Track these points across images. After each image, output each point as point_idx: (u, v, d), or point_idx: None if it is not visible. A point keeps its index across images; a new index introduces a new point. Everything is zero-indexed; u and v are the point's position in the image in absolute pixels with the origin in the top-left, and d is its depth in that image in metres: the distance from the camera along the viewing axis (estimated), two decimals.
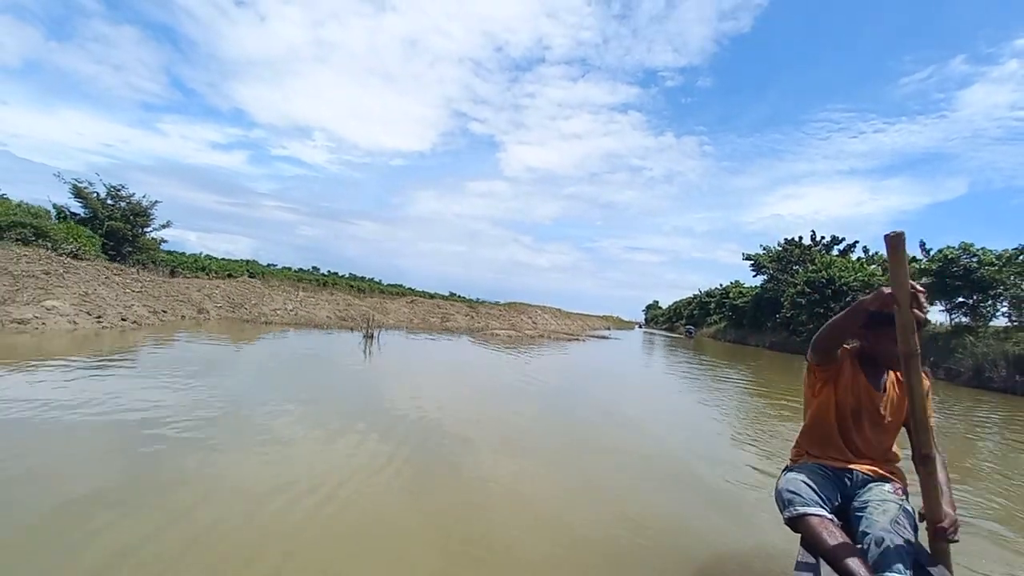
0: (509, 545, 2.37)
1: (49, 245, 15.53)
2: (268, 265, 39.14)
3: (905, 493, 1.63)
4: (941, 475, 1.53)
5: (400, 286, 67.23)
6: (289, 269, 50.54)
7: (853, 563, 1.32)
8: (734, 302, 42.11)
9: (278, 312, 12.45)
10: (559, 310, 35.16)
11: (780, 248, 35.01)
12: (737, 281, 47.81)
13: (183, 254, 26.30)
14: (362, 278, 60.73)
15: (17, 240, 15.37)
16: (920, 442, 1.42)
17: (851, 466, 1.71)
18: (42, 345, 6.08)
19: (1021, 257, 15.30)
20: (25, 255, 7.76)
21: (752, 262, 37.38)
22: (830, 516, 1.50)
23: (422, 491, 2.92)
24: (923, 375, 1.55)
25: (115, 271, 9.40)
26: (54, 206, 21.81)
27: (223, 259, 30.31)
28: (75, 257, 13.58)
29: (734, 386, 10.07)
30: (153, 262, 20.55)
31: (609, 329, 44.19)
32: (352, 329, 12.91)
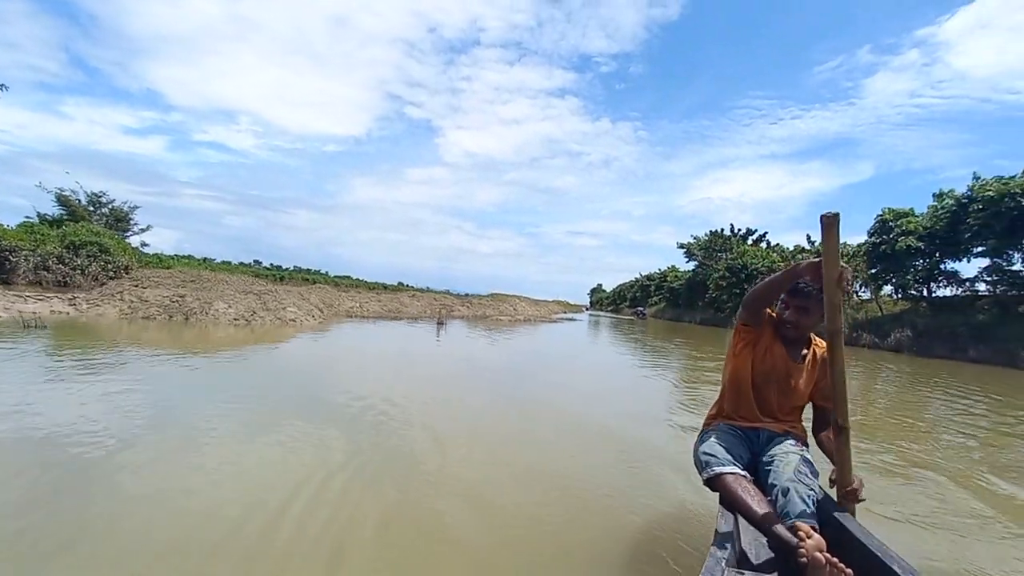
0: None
1: (110, 259, 18.65)
2: (204, 259, 40.34)
3: (805, 444, 1.91)
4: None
5: (348, 277, 68.84)
6: (229, 263, 51.09)
7: (763, 513, 1.57)
8: (671, 285, 50.97)
9: (354, 309, 16.97)
10: (528, 298, 41.35)
11: (707, 238, 43.80)
12: (673, 266, 57.08)
13: (159, 255, 28.27)
14: (307, 270, 61.99)
15: (89, 256, 18.45)
16: (839, 413, 1.57)
17: (758, 425, 1.99)
18: (319, 327, 10.75)
19: (862, 250, 23.81)
20: (244, 280, 11.87)
21: (685, 250, 46.01)
22: (743, 473, 1.75)
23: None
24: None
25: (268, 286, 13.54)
26: (38, 215, 23.56)
27: (184, 256, 32.25)
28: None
29: (675, 349, 16.61)
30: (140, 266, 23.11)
31: (566, 312, 51.20)
32: (416, 319, 17.91)
